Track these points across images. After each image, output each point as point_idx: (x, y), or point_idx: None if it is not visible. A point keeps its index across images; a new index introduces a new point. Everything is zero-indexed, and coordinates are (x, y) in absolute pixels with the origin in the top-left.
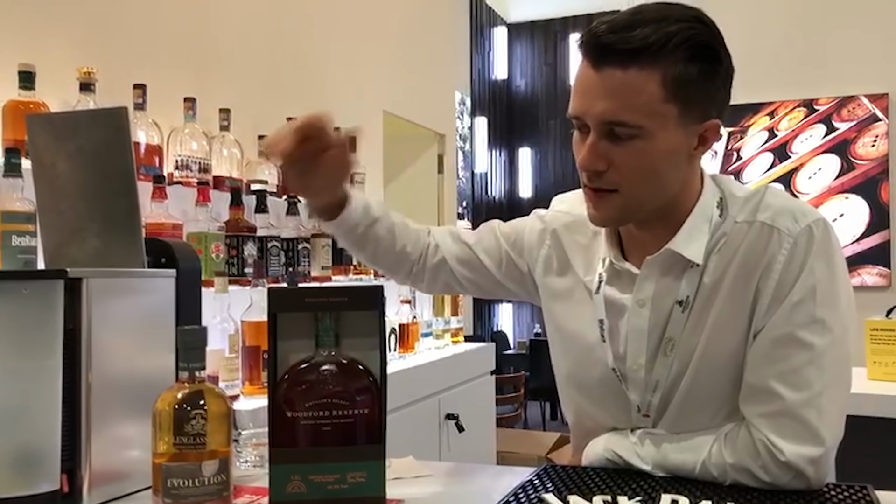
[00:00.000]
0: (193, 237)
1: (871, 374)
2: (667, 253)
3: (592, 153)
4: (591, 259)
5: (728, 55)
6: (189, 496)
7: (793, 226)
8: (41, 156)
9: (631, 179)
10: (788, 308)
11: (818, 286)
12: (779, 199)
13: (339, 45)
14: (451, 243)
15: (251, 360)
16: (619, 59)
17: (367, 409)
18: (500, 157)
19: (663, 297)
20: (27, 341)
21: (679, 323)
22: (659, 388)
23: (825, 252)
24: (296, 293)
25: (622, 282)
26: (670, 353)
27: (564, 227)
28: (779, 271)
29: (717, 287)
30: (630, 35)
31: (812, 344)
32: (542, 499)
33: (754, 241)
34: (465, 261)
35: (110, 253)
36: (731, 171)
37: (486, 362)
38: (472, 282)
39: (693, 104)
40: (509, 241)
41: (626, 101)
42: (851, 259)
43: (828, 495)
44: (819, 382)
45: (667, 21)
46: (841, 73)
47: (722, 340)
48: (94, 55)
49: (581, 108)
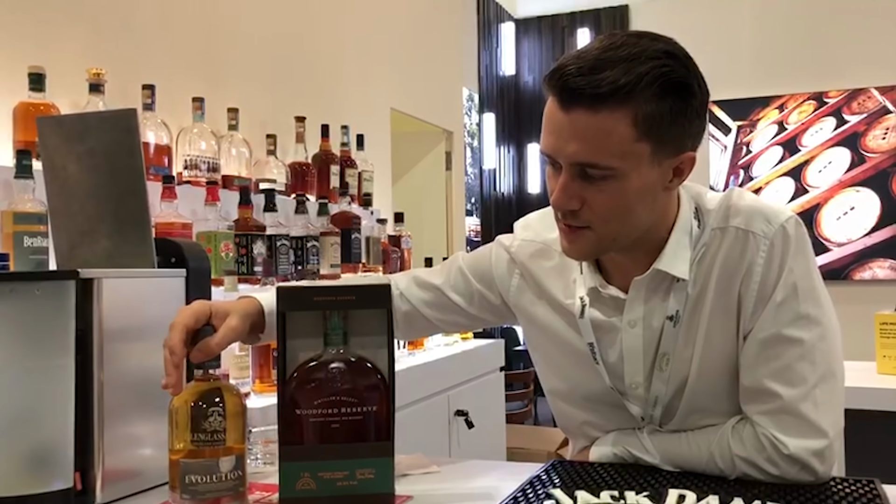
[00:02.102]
0: (203, 236)
1: (880, 368)
2: (653, 273)
3: (565, 193)
4: (567, 281)
5: (702, 86)
6: (207, 492)
7: (767, 228)
8: (52, 158)
9: (604, 217)
10: (773, 308)
11: (799, 283)
12: (747, 202)
13: (346, 43)
14: (417, 290)
15: (261, 358)
16: (588, 103)
17: (375, 407)
18: (509, 153)
19: (653, 315)
20: (39, 341)
21: (672, 338)
22: (659, 402)
23: (801, 249)
24: (304, 292)
25: (607, 305)
26: (665, 367)
27: (530, 256)
28: (759, 274)
29: (703, 297)
30: (598, 78)
31: (801, 339)
32: (549, 494)
33: (731, 247)
34: (436, 304)
35: (121, 253)
36: (741, 165)
37: (496, 359)
38: (447, 322)
39: (666, 141)
40: (476, 275)
41: (596, 143)
42: (862, 252)
43: (835, 489)
44: (813, 376)
45: (636, 60)
46: (851, 65)
47: (715, 348)
48: (104, 56)
49: (552, 148)
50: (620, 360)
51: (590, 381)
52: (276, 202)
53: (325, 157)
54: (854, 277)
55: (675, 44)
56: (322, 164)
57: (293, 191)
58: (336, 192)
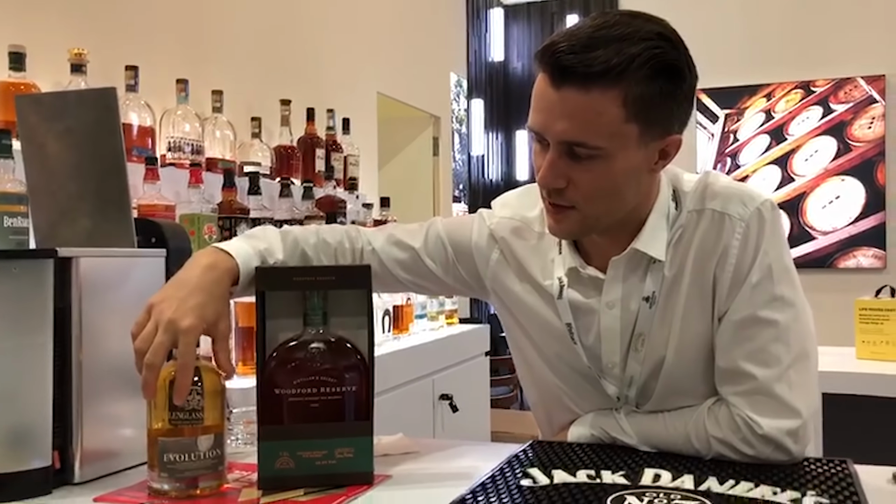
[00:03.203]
0: (186, 219)
1: (859, 353)
2: (631, 252)
3: (551, 171)
4: (544, 261)
5: (692, 70)
6: (185, 470)
7: (743, 210)
8: (31, 136)
9: (589, 197)
10: (748, 290)
11: (773, 265)
12: (723, 185)
13: (333, 26)
14: (392, 249)
15: (245, 341)
16: (579, 81)
17: (355, 387)
18: (497, 139)
19: (631, 296)
20: (18, 320)
21: (648, 318)
22: (634, 382)
23: (775, 232)
24: (284, 272)
25: (585, 286)
26: (641, 348)
27: (511, 232)
28: (735, 256)
29: (679, 279)
30: (591, 56)
31: (775, 321)
32: (527, 473)
33: (708, 229)
34: (410, 267)
35: (101, 233)
36: (728, 153)
37: (481, 343)
38: (417, 285)
39: (654, 123)
40: (454, 245)
41: (586, 122)
42: (847, 241)
43: (808, 468)
44: (787, 357)
45: (629, 41)
46: (838, 54)
47: (691, 329)
48: (86, 36)
49: (541, 125)
50: (598, 341)
51: (567, 358)
52: (261, 185)
53: (311, 140)
54: (839, 266)
55: (668, 26)
56: (307, 148)
57: (278, 174)
58: (321, 175)
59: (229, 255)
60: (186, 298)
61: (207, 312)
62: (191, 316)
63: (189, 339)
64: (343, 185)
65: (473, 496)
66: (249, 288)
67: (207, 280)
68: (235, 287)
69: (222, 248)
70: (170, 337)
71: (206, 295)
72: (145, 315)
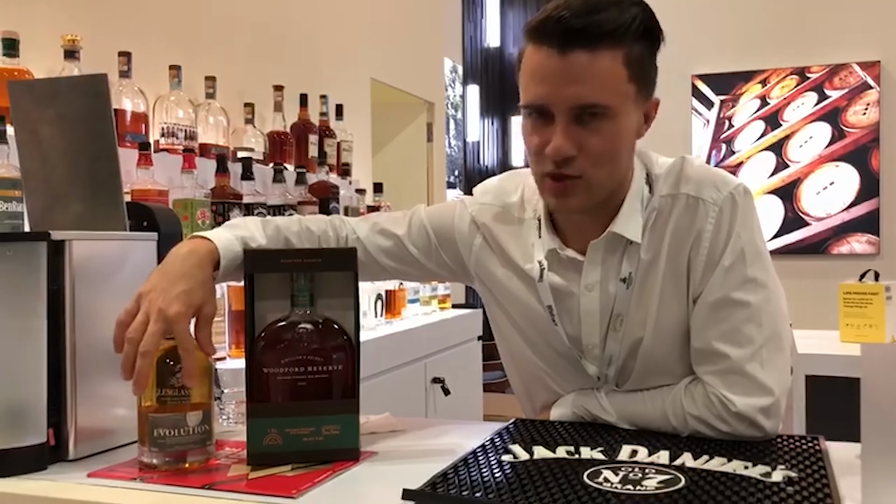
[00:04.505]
0: (179, 204)
1: (843, 336)
2: (609, 235)
3: (565, 139)
4: (525, 246)
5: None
6: (174, 445)
7: (716, 195)
8: (24, 122)
9: (596, 162)
10: (722, 273)
11: (746, 248)
12: (697, 169)
13: (326, 11)
14: (378, 238)
15: (237, 323)
16: (587, 42)
17: (341, 366)
18: (493, 125)
19: (609, 278)
20: (12, 302)
21: (625, 299)
22: (613, 362)
23: (748, 216)
24: (272, 254)
25: (565, 268)
26: (620, 328)
27: (493, 218)
28: (709, 239)
29: (655, 261)
30: (597, 18)
31: (748, 302)
32: (508, 449)
33: (682, 214)
34: (395, 254)
35: (93, 217)
36: (723, 139)
37: (474, 328)
38: (401, 272)
39: (646, 82)
40: (437, 231)
41: (596, 83)
42: (842, 227)
43: (780, 444)
44: (759, 337)
45: (623, 4)
46: (833, 40)
47: (668, 311)
48: (79, 22)
49: (546, 95)
50: (578, 324)
51: (549, 340)
52: (254, 171)
53: (304, 126)
54: (832, 252)
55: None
56: (300, 134)
57: (271, 160)
58: (314, 161)
59: (208, 240)
60: (172, 286)
61: (194, 298)
62: (178, 303)
63: (182, 326)
64: (336, 171)
65: (455, 470)
66: (231, 271)
67: (189, 265)
68: (217, 272)
69: (201, 234)
70: (162, 325)
71: (191, 280)
72: (135, 304)
